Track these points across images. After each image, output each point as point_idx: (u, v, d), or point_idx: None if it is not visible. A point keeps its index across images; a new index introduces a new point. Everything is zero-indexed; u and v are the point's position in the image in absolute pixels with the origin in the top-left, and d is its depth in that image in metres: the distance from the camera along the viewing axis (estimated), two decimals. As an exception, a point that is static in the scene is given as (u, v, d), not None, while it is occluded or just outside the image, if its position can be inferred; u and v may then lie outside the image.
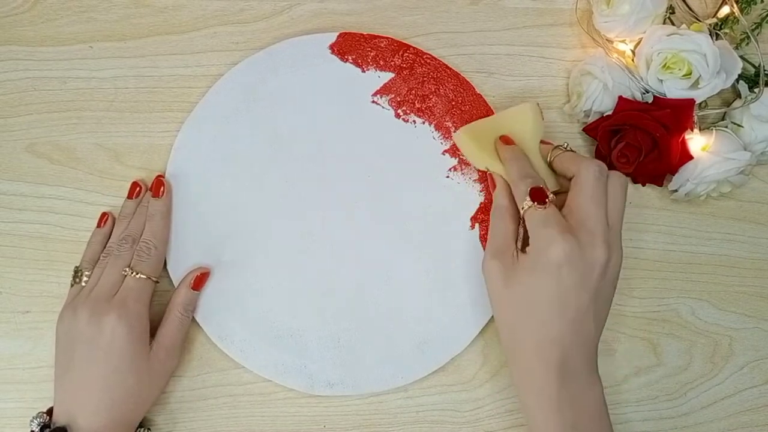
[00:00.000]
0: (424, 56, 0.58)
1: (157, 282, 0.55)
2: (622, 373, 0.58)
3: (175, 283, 0.56)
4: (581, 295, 0.48)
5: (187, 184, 0.58)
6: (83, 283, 0.55)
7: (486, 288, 0.52)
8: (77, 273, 0.55)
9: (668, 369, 0.58)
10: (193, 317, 0.56)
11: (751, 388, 0.58)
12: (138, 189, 0.57)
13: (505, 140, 0.54)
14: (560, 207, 0.51)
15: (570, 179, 0.51)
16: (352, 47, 0.58)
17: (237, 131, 0.58)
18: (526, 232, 0.50)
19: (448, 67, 0.58)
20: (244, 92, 0.58)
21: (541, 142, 0.55)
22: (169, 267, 0.57)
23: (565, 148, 0.53)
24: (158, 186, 0.56)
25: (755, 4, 0.57)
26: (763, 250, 0.59)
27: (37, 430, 0.51)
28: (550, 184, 0.53)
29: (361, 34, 0.58)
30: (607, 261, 0.48)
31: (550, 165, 0.54)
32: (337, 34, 0.58)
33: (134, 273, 0.53)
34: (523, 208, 0.50)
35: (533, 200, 0.49)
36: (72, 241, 0.58)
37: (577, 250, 0.47)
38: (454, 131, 0.58)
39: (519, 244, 0.51)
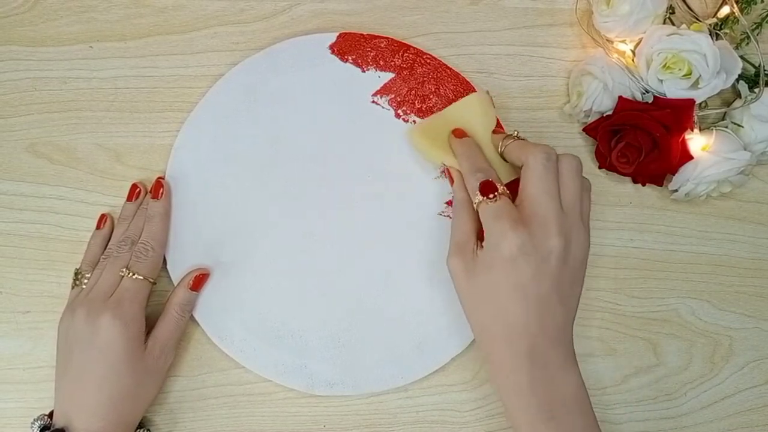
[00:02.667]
0: (424, 56, 0.58)
1: (154, 283, 0.55)
2: (622, 373, 0.58)
3: (175, 283, 0.56)
4: (541, 284, 0.48)
5: (187, 184, 0.58)
6: (83, 285, 0.55)
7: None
8: (77, 275, 0.55)
9: (668, 369, 0.58)
10: (193, 317, 0.56)
11: (751, 388, 0.58)
12: (137, 191, 0.57)
13: (458, 133, 0.54)
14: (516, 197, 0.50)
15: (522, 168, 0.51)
16: (352, 47, 0.58)
17: (237, 131, 0.58)
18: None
19: (448, 67, 0.58)
20: (245, 92, 0.58)
21: (494, 131, 0.54)
22: (168, 267, 0.57)
23: (516, 137, 0.53)
24: (157, 188, 0.56)
25: (755, 4, 0.57)
26: (763, 250, 0.59)
27: None
28: (504, 175, 0.53)
29: (361, 34, 0.58)
30: (564, 248, 0.48)
31: (502, 155, 0.53)
32: (337, 34, 0.58)
33: (131, 274, 0.53)
34: (475, 203, 0.50)
35: (482, 194, 0.49)
36: (72, 241, 0.58)
37: (529, 242, 0.47)
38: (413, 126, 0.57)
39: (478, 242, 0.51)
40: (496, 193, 0.49)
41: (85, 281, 0.55)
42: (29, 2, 0.59)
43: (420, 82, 0.58)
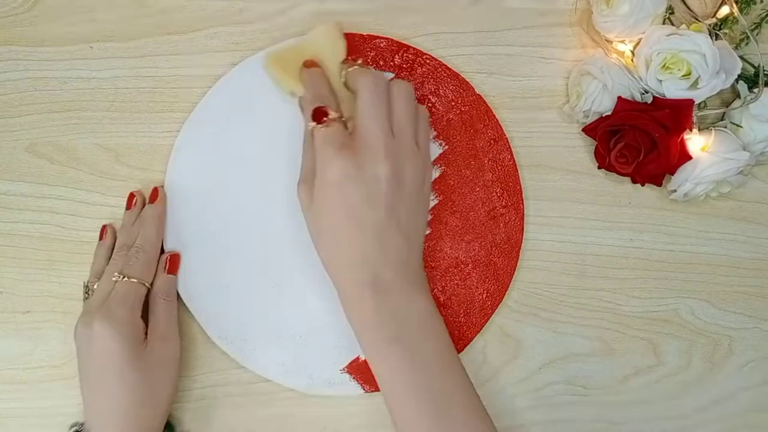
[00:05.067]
0: (424, 56, 0.58)
1: (148, 286, 0.54)
2: (622, 373, 0.58)
3: (179, 287, 0.56)
4: (374, 212, 0.48)
5: (187, 185, 0.58)
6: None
7: None
8: (85, 287, 0.56)
9: (668, 369, 0.58)
10: (193, 317, 0.57)
11: (751, 388, 0.58)
12: (135, 200, 0.57)
13: (309, 64, 0.55)
14: None
15: None
16: (352, 47, 0.58)
17: (237, 132, 0.58)
18: None
19: (447, 68, 0.58)
20: (245, 93, 0.58)
21: (343, 61, 0.55)
22: (169, 267, 0.57)
23: (357, 63, 0.53)
24: (153, 194, 0.57)
25: (755, 4, 0.57)
26: (763, 250, 0.59)
27: None
28: (353, 108, 0.52)
29: (361, 35, 0.58)
30: (393, 172, 0.48)
31: (346, 86, 0.53)
32: (337, 34, 0.58)
33: (123, 277, 0.53)
34: (309, 129, 0.50)
35: (313, 120, 0.50)
36: (72, 241, 0.58)
37: (353, 166, 0.47)
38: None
39: None
40: (326, 119, 0.49)
41: (92, 292, 0.55)
42: (29, 2, 0.59)
43: (419, 82, 0.58)
